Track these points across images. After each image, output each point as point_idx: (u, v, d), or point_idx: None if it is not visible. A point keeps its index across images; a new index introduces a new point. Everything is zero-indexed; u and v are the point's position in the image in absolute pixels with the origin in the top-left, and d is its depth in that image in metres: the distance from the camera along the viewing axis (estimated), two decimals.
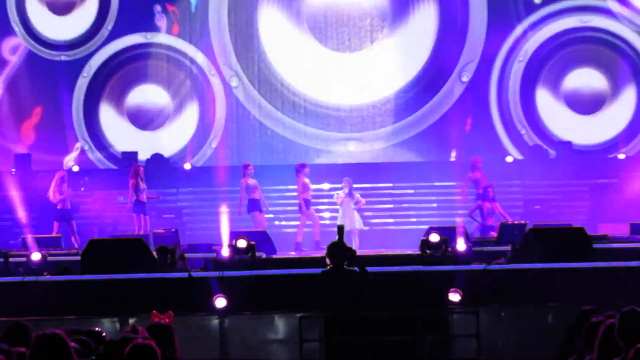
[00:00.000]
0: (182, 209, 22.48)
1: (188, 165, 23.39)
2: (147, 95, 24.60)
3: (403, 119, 24.28)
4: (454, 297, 11.93)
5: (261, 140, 24.45)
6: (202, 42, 24.48)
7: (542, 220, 19.55)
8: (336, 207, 20.20)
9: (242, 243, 14.33)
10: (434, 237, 14.49)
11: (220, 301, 11.91)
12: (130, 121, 24.59)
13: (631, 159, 23.14)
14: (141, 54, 24.59)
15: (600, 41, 24.23)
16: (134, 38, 24.57)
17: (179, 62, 24.53)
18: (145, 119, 24.59)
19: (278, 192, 21.87)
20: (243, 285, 12.32)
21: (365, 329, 11.74)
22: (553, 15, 24.18)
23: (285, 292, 12.24)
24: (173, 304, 10.51)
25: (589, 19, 24.22)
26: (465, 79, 24.22)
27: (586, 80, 24.32)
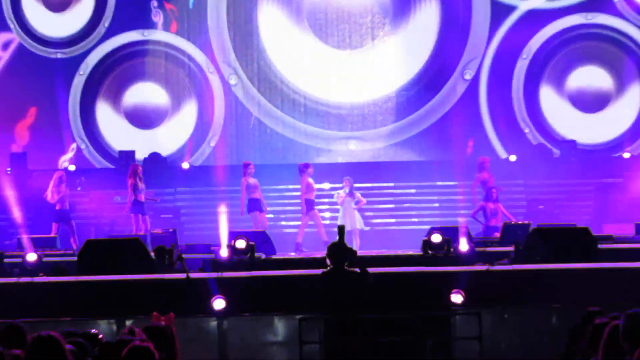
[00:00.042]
0: (180, 208, 22.44)
1: (186, 165, 23.30)
2: (145, 93, 24.47)
3: (404, 117, 24.18)
4: (456, 299, 11.92)
5: (260, 139, 24.32)
6: (201, 40, 24.40)
7: (546, 220, 19.56)
8: (337, 207, 20.15)
9: (241, 243, 14.29)
10: (436, 238, 14.42)
11: (219, 302, 11.89)
12: (128, 119, 24.44)
13: (636, 158, 23.06)
14: (138, 52, 24.50)
15: (605, 38, 24.14)
16: (131, 35, 24.47)
17: (177, 60, 24.37)
18: (142, 118, 24.44)
19: (277, 192, 21.83)
20: (242, 287, 12.31)
21: (366, 330, 11.68)
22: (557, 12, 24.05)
23: (284, 294, 12.23)
24: (171, 305, 10.39)
25: (594, 16, 24.05)
26: (468, 76, 24.09)
27: (591, 78, 24.22)
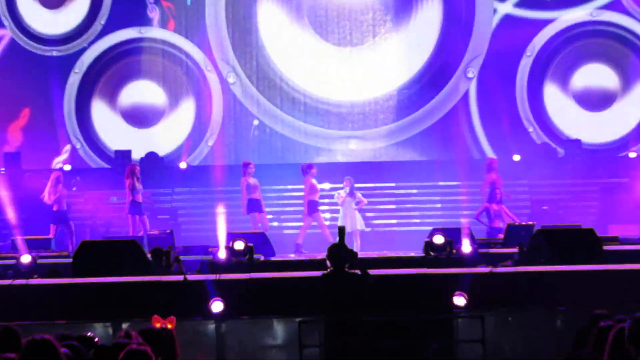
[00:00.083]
0: (178, 209, 22.44)
1: (184, 164, 23.26)
2: (141, 91, 24.38)
3: (406, 116, 24.15)
4: (459, 301, 11.87)
5: (259, 138, 24.18)
6: (198, 37, 24.32)
7: (550, 221, 19.52)
8: (337, 208, 20.08)
9: (240, 245, 14.39)
10: (438, 239, 14.39)
11: (217, 305, 11.85)
12: (124, 118, 24.30)
13: None
14: (135, 49, 24.43)
15: (610, 35, 24.09)
16: (127, 32, 24.36)
17: (174, 57, 24.23)
18: (139, 116, 24.31)
19: (276, 192, 21.78)
20: (240, 289, 12.26)
21: (366, 333, 11.62)
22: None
23: (284, 296, 12.19)
24: (168, 308, 10.28)
25: (599, 13, 23.92)
26: (471, 75, 23.96)
27: (596, 76, 24.22)
